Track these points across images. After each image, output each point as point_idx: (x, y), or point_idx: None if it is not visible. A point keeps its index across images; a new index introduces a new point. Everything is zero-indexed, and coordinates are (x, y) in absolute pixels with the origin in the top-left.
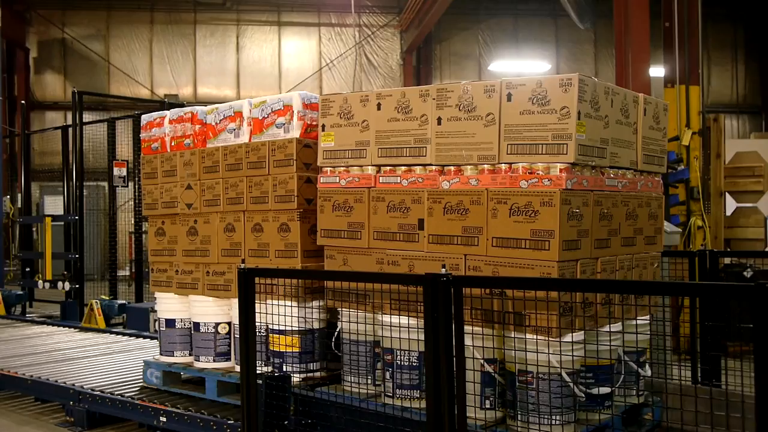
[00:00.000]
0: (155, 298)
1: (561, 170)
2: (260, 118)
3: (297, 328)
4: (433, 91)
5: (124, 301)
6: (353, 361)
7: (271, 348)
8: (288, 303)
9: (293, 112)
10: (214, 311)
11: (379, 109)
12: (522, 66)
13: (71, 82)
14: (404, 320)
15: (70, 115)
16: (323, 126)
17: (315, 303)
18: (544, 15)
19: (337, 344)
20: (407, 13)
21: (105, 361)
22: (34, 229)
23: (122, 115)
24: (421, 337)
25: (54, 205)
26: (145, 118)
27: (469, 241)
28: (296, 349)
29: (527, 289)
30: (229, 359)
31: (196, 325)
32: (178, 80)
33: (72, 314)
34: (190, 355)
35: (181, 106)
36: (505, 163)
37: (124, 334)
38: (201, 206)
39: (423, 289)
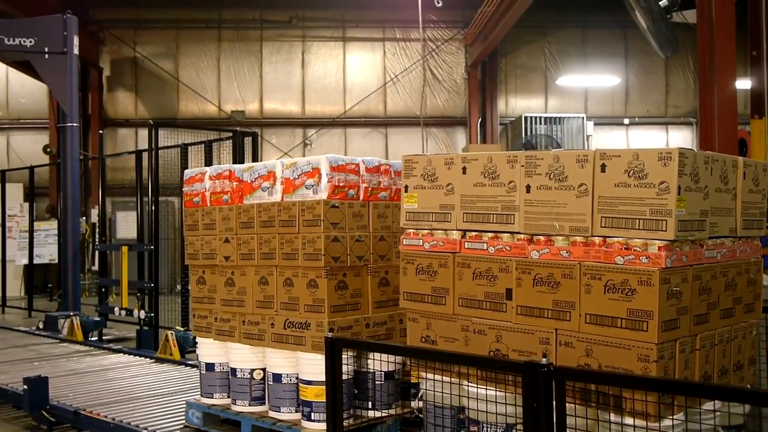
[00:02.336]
0: None
1: (660, 248)
2: (291, 178)
3: (324, 380)
4: (521, 158)
5: None
6: (437, 427)
7: (301, 397)
8: (316, 355)
9: (321, 174)
10: (250, 358)
11: (464, 173)
12: (590, 80)
13: (142, 99)
14: (492, 392)
15: (141, 132)
16: (406, 187)
17: (343, 355)
18: (613, 26)
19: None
20: (473, 28)
21: (178, 399)
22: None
23: (191, 134)
24: (510, 410)
25: (125, 220)
26: (187, 173)
27: (561, 315)
28: (323, 399)
29: (639, 389)
30: (263, 404)
31: (233, 370)
32: (245, 96)
33: (147, 343)
34: (228, 397)
35: (248, 123)
36: (598, 236)
37: (197, 367)
38: (237, 259)
39: (522, 377)
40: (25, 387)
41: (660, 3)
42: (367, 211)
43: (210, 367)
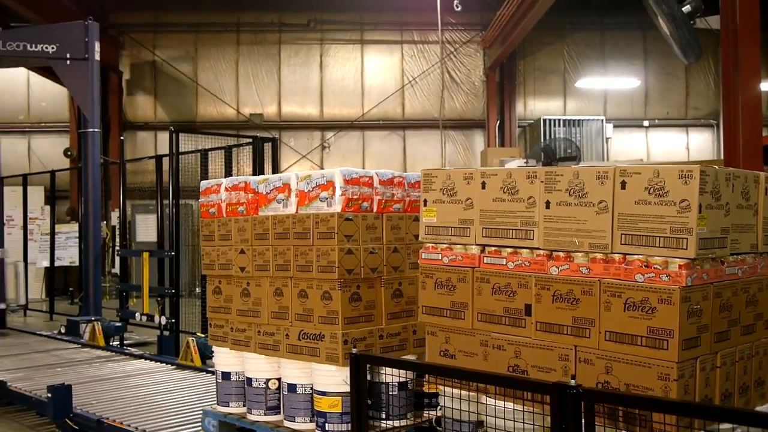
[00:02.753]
0: None
1: (680, 266)
2: (306, 190)
3: (338, 391)
4: (541, 174)
5: None
6: None
7: (316, 408)
8: (330, 367)
9: (335, 187)
10: (265, 368)
11: (483, 187)
12: (609, 83)
13: (161, 102)
14: (511, 404)
15: (160, 135)
16: (425, 201)
17: None
18: (632, 28)
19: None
20: (491, 30)
21: (198, 407)
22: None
23: (211, 137)
24: (529, 427)
25: (144, 223)
26: (203, 185)
27: (580, 332)
28: (338, 410)
29: (668, 413)
30: (278, 413)
31: (249, 379)
32: (263, 99)
33: (168, 348)
34: (244, 406)
35: (266, 125)
36: (618, 253)
37: None
38: (253, 270)
39: (550, 399)
40: (49, 395)
41: (683, 9)
42: (381, 223)
43: (226, 376)
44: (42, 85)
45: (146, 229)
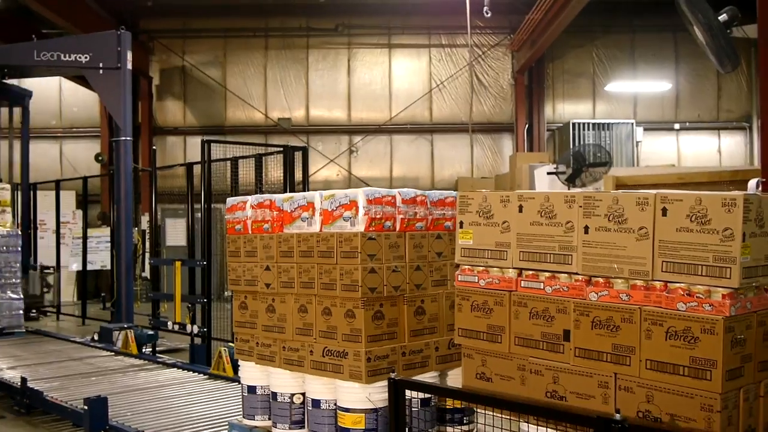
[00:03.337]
0: None
1: (724, 296)
2: (330, 210)
3: (362, 407)
4: (579, 198)
5: None
6: None
7: (339, 424)
8: (353, 384)
9: (358, 207)
10: (290, 383)
11: (520, 211)
12: (640, 86)
13: (190, 107)
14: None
15: (189, 139)
16: (461, 223)
17: (379, 383)
18: (663, 30)
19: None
20: (520, 34)
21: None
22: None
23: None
24: None
25: (174, 228)
26: (230, 201)
27: (620, 359)
28: (361, 426)
29: None
30: (303, 427)
31: (274, 394)
32: (291, 103)
33: (200, 356)
34: (269, 419)
35: (294, 130)
36: (659, 281)
37: None
38: (278, 287)
39: None
40: (86, 407)
41: (720, 18)
42: (404, 242)
43: (252, 389)
44: (74, 91)
45: (176, 233)
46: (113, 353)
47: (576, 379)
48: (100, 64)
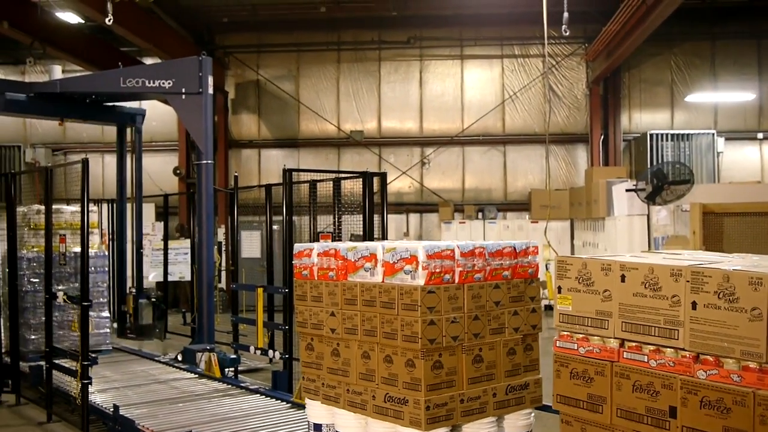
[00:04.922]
0: None
1: None
2: (391, 262)
3: None
4: (686, 273)
5: None
6: None
7: None
8: (414, 430)
9: (418, 262)
10: (353, 424)
11: (623, 281)
12: (720, 97)
13: (264, 120)
14: None
15: (263, 152)
16: (560, 288)
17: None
18: (745, 36)
19: None
20: (596, 45)
21: None
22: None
23: (313, 152)
24: None
25: (249, 240)
26: (297, 247)
27: None
28: None
29: None
30: None
31: None
32: (363, 116)
33: (282, 383)
34: None
35: (366, 142)
36: None
37: None
38: (342, 332)
39: None
40: None
41: None
42: (462, 293)
43: (318, 427)
44: (152, 105)
45: (251, 245)
46: (197, 375)
47: None
48: (183, 89)
